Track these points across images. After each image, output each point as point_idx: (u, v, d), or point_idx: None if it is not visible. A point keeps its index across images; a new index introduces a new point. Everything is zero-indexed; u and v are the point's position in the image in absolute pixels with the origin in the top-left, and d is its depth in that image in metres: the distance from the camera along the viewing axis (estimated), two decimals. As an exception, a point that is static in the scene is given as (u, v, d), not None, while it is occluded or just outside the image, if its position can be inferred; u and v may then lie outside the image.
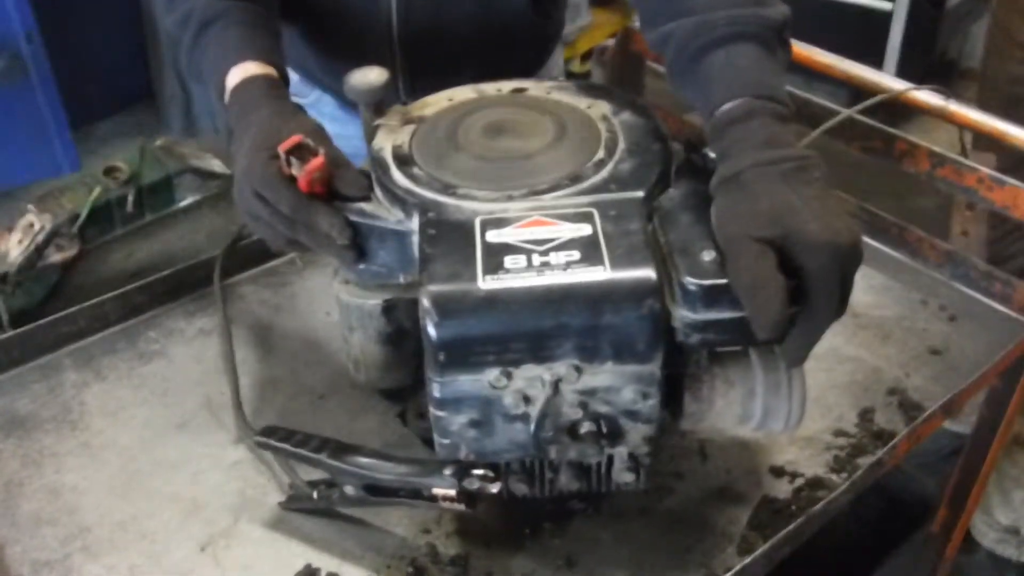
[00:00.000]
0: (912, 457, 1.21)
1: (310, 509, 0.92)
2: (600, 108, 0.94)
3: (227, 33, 0.98)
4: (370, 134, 0.94)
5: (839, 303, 0.75)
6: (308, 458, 0.88)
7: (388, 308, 0.89)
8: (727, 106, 0.83)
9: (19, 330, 1.09)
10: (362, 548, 0.89)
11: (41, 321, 1.10)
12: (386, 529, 0.90)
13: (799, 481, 0.95)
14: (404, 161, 0.89)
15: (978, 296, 1.18)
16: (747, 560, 0.86)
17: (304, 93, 1.40)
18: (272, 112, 0.91)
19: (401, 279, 0.88)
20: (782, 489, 0.95)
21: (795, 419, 0.84)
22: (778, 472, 0.96)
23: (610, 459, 0.83)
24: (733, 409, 0.84)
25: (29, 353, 1.09)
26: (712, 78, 0.86)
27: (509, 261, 0.77)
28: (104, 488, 0.95)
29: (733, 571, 0.85)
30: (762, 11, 0.88)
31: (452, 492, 0.83)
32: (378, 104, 0.95)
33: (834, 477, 0.96)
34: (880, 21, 3.24)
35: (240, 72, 0.95)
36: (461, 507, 0.84)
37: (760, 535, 0.90)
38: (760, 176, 0.78)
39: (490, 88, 1.00)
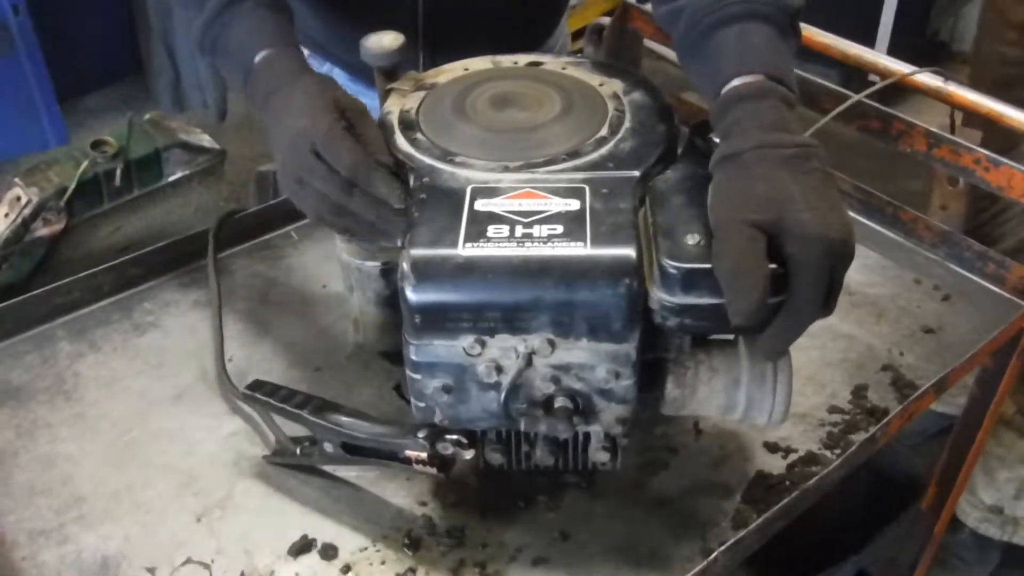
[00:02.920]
0: (902, 437, 1.22)
1: (293, 464, 0.93)
2: (612, 86, 0.94)
3: (257, 13, 0.95)
4: (383, 98, 0.95)
5: (825, 299, 0.73)
6: (290, 413, 0.89)
7: (387, 271, 0.89)
8: (737, 82, 0.82)
9: (12, 300, 1.08)
10: (358, 519, 0.89)
11: (35, 292, 1.09)
12: (383, 500, 0.91)
13: (793, 457, 0.96)
14: (409, 126, 0.90)
15: (972, 276, 1.19)
16: (741, 534, 0.86)
17: (316, 68, 1.39)
18: (320, 81, 0.89)
19: (399, 242, 0.89)
20: (776, 465, 0.95)
21: (779, 414, 0.84)
22: (772, 448, 0.97)
23: (587, 437, 0.84)
24: (716, 398, 0.84)
25: (22, 324, 1.09)
26: (723, 52, 0.85)
27: (492, 230, 0.77)
28: (99, 459, 0.95)
29: (727, 545, 0.85)
30: None
31: (423, 455, 0.83)
32: (392, 69, 0.95)
33: (827, 453, 0.96)
34: (872, 2, 3.24)
35: (271, 53, 0.93)
36: (433, 471, 0.85)
37: (754, 509, 0.90)
38: (762, 159, 0.77)
39: (506, 60, 1.00)
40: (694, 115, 1.42)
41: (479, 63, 0.99)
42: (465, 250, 0.76)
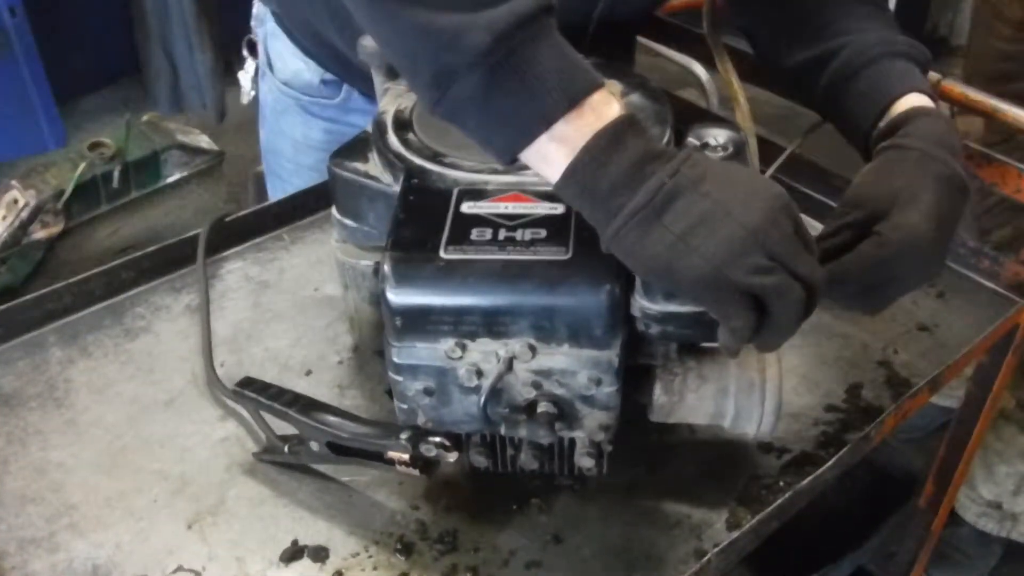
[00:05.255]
0: (899, 432, 1.22)
1: (281, 462, 0.93)
2: (610, 87, 0.93)
3: (561, 41, 0.72)
4: (381, 96, 0.95)
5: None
6: (278, 411, 0.90)
7: (379, 270, 0.89)
8: (920, 100, 0.89)
9: (2, 307, 1.07)
10: (351, 524, 0.89)
11: (25, 297, 1.08)
12: (375, 504, 0.90)
13: (787, 457, 0.95)
14: (402, 126, 0.90)
15: (966, 273, 1.19)
16: (736, 535, 0.86)
17: (330, 95, 1.32)
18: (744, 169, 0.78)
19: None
20: (770, 465, 0.95)
21: (768, 425, 0.84)
22: (766, 448, 0.96)
23: (571, 442, 0.83)
24: (705, 406, 0.84)
25: (13, 330, 1.08)
26: (896, 75, 0.92)
27: (475, 233, 0.77)
28: (90, 465, 0.95)
29: (722, 546, 0.85)
30: (923, 48, 0.96)
31: (405, 456, 0.84)
32: (390, 67, 0.95)
33: (822, 453, 0.96)
34: (871, -3, 3.23)
35: (611, 102, 0.73)
36: (416, 473, 0.84)
37: (748, 510, 0.90)
38: (940, 169, 0.82)
39: None
40: (688, 113, 1.41)
41: None
42: (446, 253, 0.76)
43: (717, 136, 0.85)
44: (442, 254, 0.76)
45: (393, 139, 0.88)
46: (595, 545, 0.87)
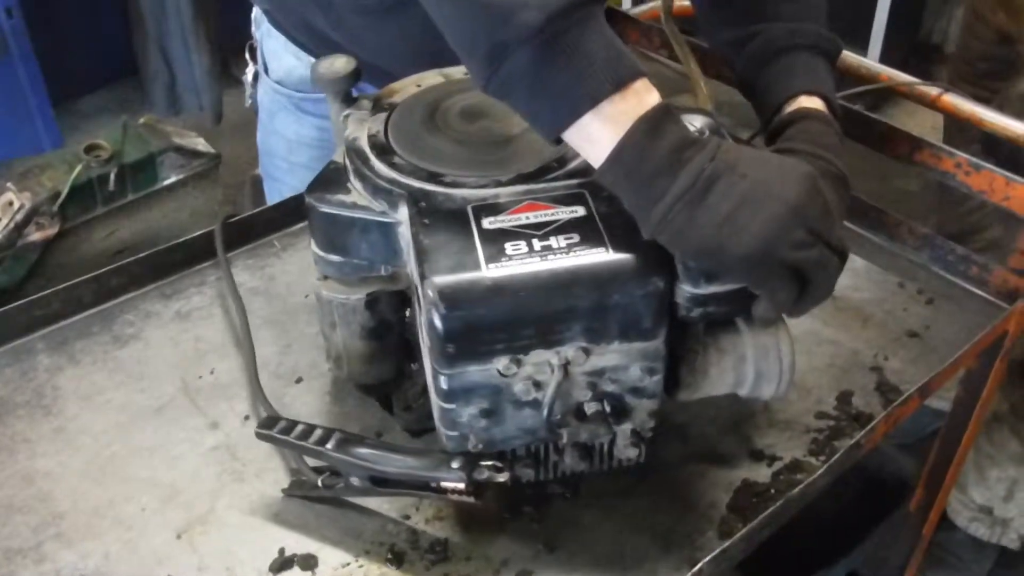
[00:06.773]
0: (891, 437, 1.21)
1: (313, 497, 0.91)
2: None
3: (608, 29, 0.76)
4: (339, 124, 0.93)
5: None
6: (312, 451, 0.87)
7: (371, 302, 0.88)
8: (807, 102, 0.92)
9: (-11, 313, 1.07)
10: (341, 534, 0.88)
11: (13, 304, 1.08)
12: (366, 514, 0.90)
13: (778, 464, 0.95)
14: (383, 150, 0.88)
15: (955, 279, 1.19)
16: (727, 543, 0.86)
17: None
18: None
19: (383, 271, 0.88)
20: (761, 472, 0.95)
21: (786, 381, 0.86)
22: (757, 456, 0.96)
23: (612, 436, 0.85)
24: (726, 377, 0.86)
25: (0, 337, 1.08)
26: (794, 72, 0.94)
27: (510, 247, 0.77)
28: (78, 474, 0.94)
29: (714, 554, 0.85)
30: (831, 38, 0.99)
31: (461, 485, 0.82)
32: (346, 94, 0.94)
33: (813, 460, 0.96)
34: (866, 3, 3.23)
35: (652, 91, 0.76)
36: (471, 500, 0.83)
37: (740, 518, 0.90)
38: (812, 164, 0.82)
39: (456, 72, 0.98)
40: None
41: (431, 78, 0.98)
42: (490, 271, 0.75)
43: (694, 121, 0.85)
44: (486, 273, 0.75)
45: (380, 165, 0.86)
46: (588, 553, 0.87)
